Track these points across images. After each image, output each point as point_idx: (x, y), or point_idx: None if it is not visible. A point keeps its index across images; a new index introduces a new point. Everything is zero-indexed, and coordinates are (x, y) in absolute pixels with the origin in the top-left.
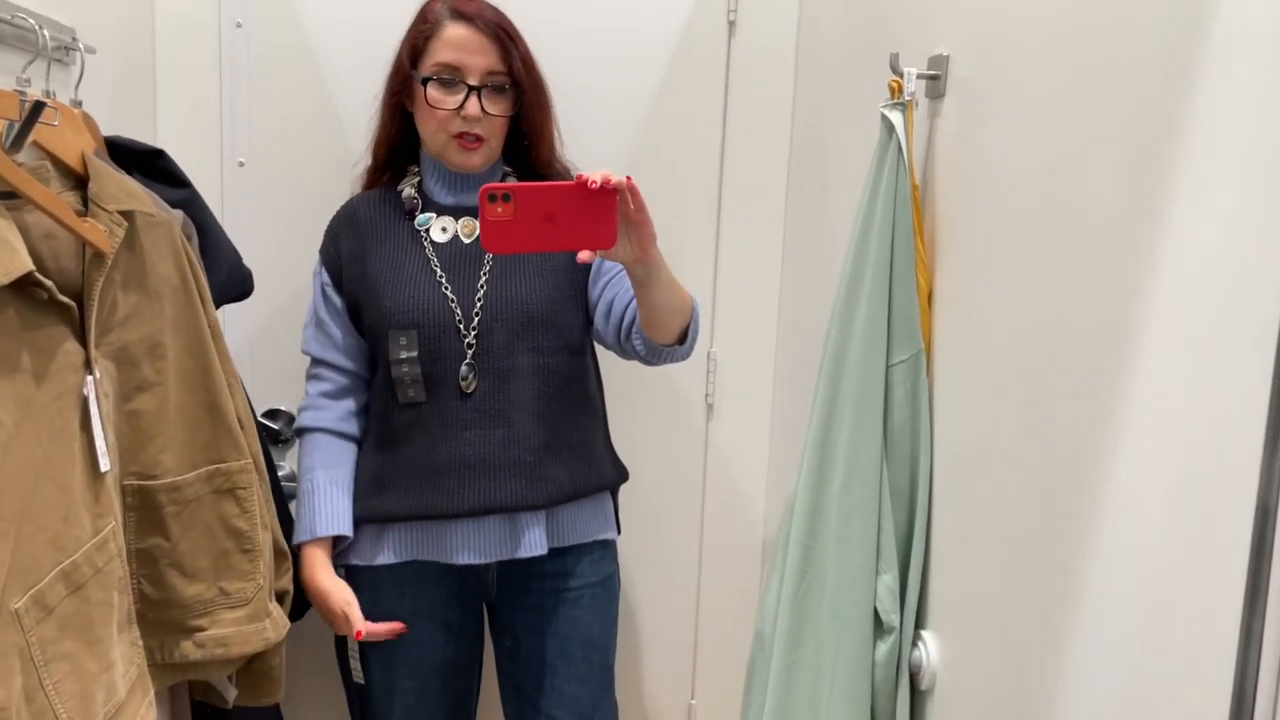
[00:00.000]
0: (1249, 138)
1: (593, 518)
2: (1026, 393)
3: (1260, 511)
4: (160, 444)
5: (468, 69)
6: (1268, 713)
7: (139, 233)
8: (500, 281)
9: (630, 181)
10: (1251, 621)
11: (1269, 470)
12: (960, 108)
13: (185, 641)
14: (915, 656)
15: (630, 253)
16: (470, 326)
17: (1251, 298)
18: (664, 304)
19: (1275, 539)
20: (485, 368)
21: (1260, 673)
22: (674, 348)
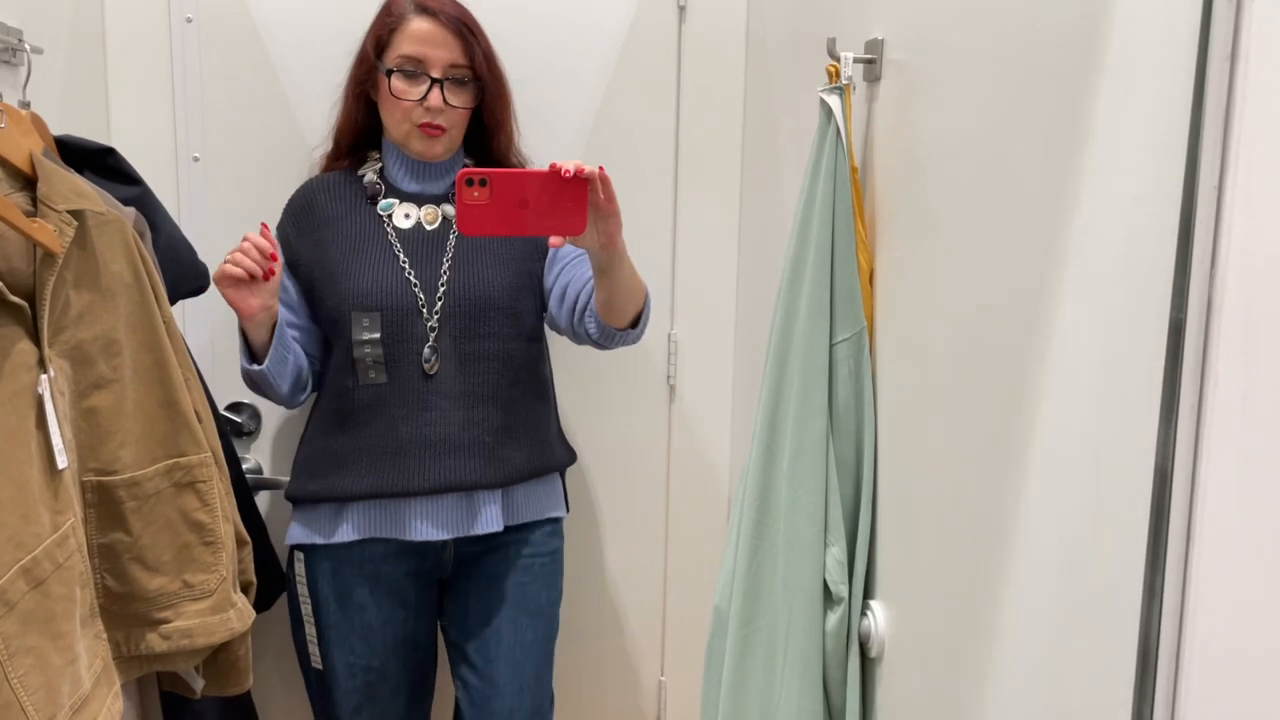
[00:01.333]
0: (1144, 123)
1: (545, 496)
2: (959, 368)
3: (1158, 476)
4: (119, 440)
5: (431, 62)
6: (1169, 665)
7: (90, 232)
8: (462, 268)
9: (602, 171)
10: (1153, 579)
11: (1165, 437)
12: (896, 91)
13: (151, 634)
14: (864, 625)
15: (598, 240)
16: (433, 311)
17: (1147, 274)
18: (622, 289)
19: (1171, 503)
20: (447, 351)
21: (1162, 628)
22: (626, 331)
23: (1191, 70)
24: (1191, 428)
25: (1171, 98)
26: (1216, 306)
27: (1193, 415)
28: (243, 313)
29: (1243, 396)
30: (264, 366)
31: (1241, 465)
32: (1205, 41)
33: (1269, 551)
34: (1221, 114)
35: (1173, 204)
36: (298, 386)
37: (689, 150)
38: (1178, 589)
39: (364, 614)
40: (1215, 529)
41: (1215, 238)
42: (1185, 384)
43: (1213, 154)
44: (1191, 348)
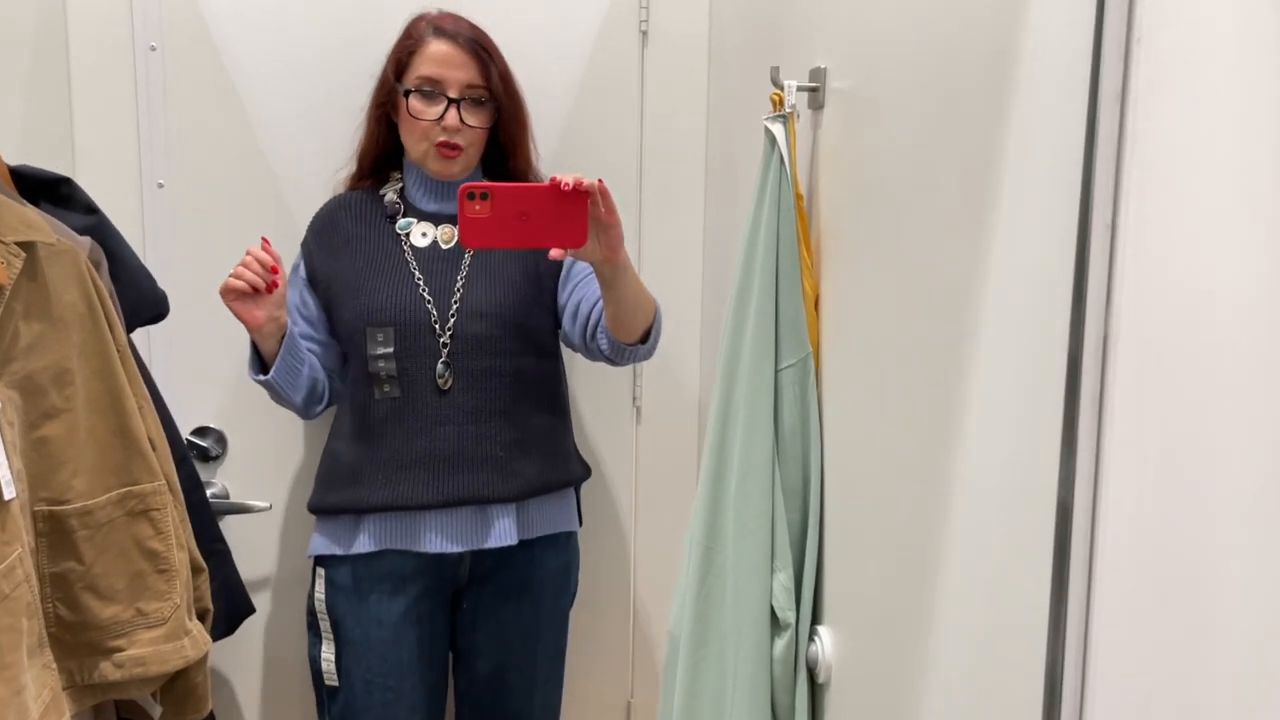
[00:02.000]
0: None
1: (558, 511)
2: (898, 395)
3: (1061, 509)
4: (71, 469)
5: (448, 82)
6: (1074, 696)
7: (41, 263)
8: (476, 286)
9: (602, 184)
10: (1058, 610)
11: (1066, 471)
12: (838, 119)
13: (104, 662)
14: (812, 651)
15: (599, 252)
16: (445, 327)
17: (1050, 308)
18: (629, 303)
19: (1073, 535)
20: (460, 367)
21: (1066, 657)
22: (637, 347)
23: (1084, 111)
24: (1091, 461)
25: (1070, 138)
26: (1112, 341)
27: (1092, 448)
28: (249, 325)
29: (1137, 430)
30: (270, 377)
31: (1137, 498)
32: (1095, 83)
33: (1163, 584)
34: (1113, 154)
35: (1071, 240)
36: (312, 398)
37: (653, 173)
38: (1080, 620)
39: (381, 629)
40: (1114, 561)
41: (1110, 274)
42: (1084, 417)
43: (1105, 193)
44: (1089, 381)
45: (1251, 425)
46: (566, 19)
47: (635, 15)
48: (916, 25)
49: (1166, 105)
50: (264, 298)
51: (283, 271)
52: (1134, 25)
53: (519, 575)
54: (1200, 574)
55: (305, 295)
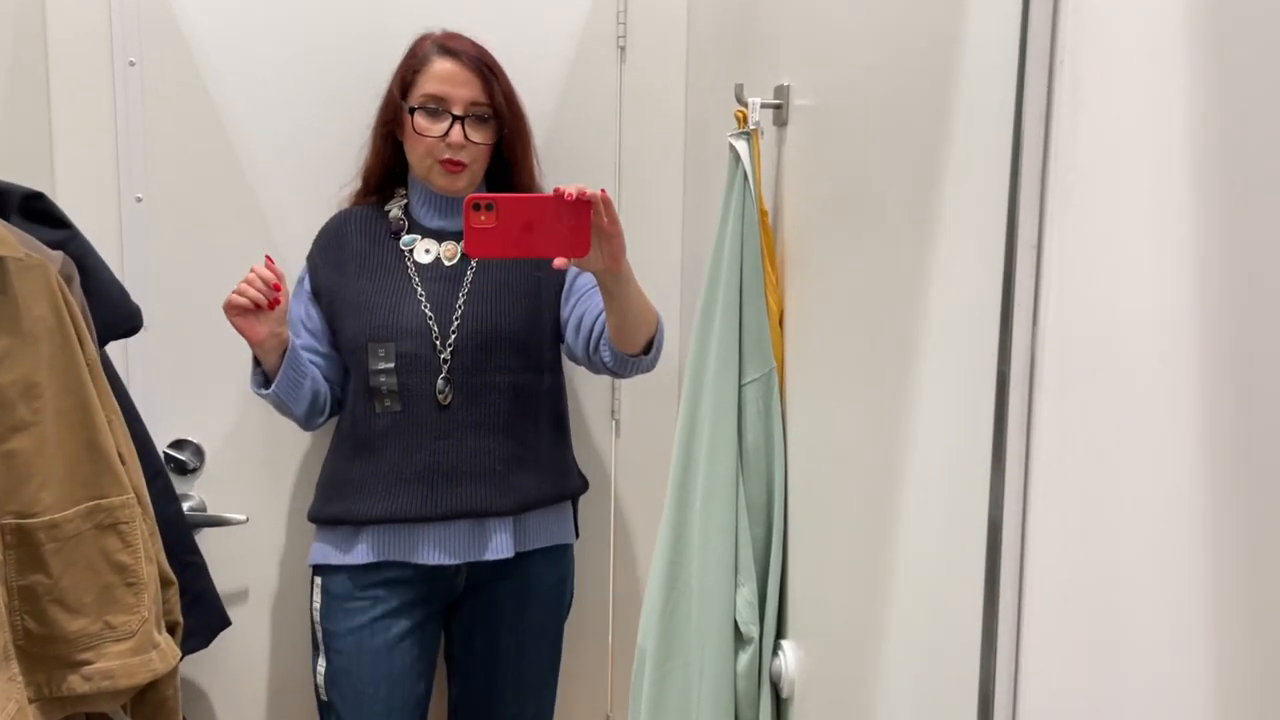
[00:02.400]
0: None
1: (556, 524)
2: (856, 412)
3: (991, 527)
4: (39, 482)
5: (452, 100)
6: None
7: (10, 277)
8: (477, 303)
9: (604, 194)
10: (990, 626)
11: (996, 489)
12: (801, 136)
13: (72, 675)
14: (776, 666)
15: (602, 261)
16: (446, 343)
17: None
18: (632, 313)
19: (1002, 553)
20: (460, 382)
21: (997, 674)
22: (640, 357)
23: (1010, 133)
24: (1019, 480)
25: (998, 159)
26: (1038, 360)
27: (1020, 468)
28: (251, 340)
29: (1060, 448)
30: (272, 391)
31: (1062, 516)
32: (1020, 104)
33: (1086, 596)
34: (1037, 175)
35: (999, 259)
36: (314, 410)
37: (630, 188)
38: (1011, 630)
39: (374, 639)
40: (1043, 578)
41: (1035, 294)
42: (1011, 437)
43: (1030, 213)
44: (1016, 400)
45: (1165, 442)
46: (546, 34)
47: (613, 31)
48: (871, 46)
49: (1088, 126)
50: (266, 314)
51: (285, 289)
52: (1056, 48)
53: (515, 587)
54: (1119, 585)
55: (309, 308)
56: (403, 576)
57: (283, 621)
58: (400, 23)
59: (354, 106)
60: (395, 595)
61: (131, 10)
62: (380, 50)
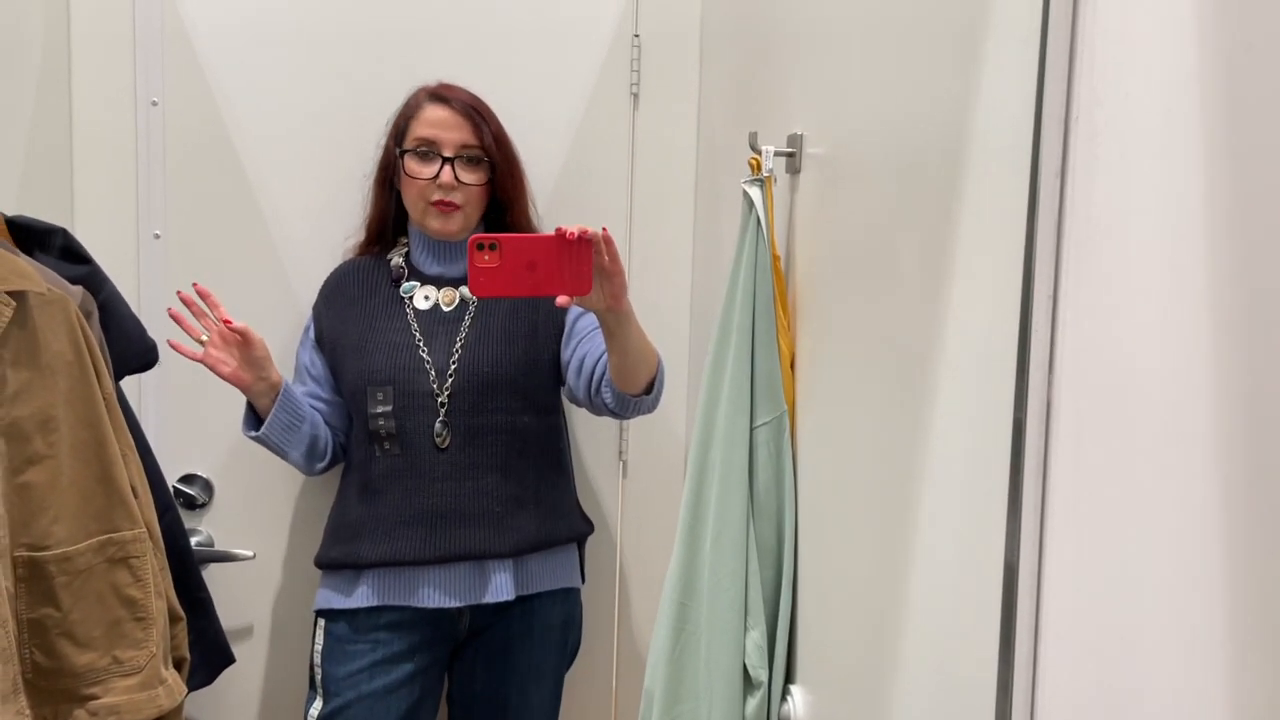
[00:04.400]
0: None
1: (558, 567)
2: (867, 456)
3: (1007, 571)
4: (52, 515)
5: (443, 143)
6: None
7: (31, 311)
8: (474, 347)
9: (606, 233)
10: (1006, 675)
11: (1011, 534)
12: (814, 183)
13: (78, 710)
14: (784, 710)
15: (604, 300)
16: (444, 387)
17: (999, 374)
18: (633, 353)
19: (1018, 598)
20: (457, 425)
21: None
22: (641, 398)
23: (1027, 187)
24: (1035, 524)
25: (1014, 212)
26: (1055, 408)
27: (1036, 513)
28: (239, 387)
29: (1075, 494)
30: (260, 433)
31: (1078, 561)
32: (1036, 159)
33: (1109, 651)
34: (1053, 228)
35: (1015, 310)
36: (314, 455)
37: (641, 231)
38: (1027, 676)
39: (372, 682)
40: (1059, 622)
41: (1051, 343)
42: (1028, 482)
43: (1046, 265)
44: (1033, 447)
45: (1181, 489)
46: (560, 81)
47: (627, 78)
48: (884, 97)
49: (1101, 181)
50: (248, 360)
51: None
52: (1072, 105)
53: (518, 629)
54: (1136, 632)
55: (314, 356)
56: (404, 620)
57: (285, 661)
58: (418, 76)
59: (369, 155)
60: (397, 639)
61: (155, 51)
62: (398, 100)
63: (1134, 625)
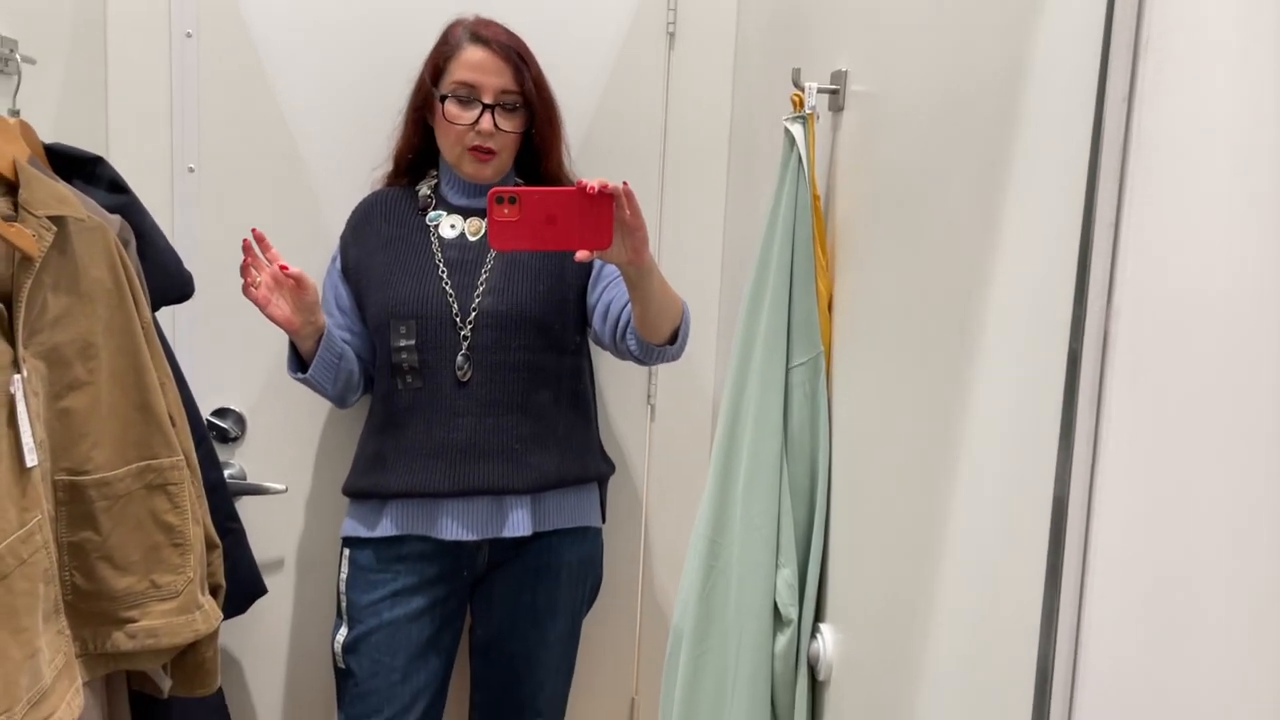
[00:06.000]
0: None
1: (578, 505)
2: (906, 396)
3: (1057, 505)
4: (92, 441)
5: (483, 88)
6: (1065, 687)
7: (71, 237)
8: (499, 281)
9: (626, 187)
10: (1051, 603)
11: (1063, 467)
12: (858, 121)
13: (117, 632)
14: (813, 648)
15: (625, 254)
16: (466, 320)
17: (1052, 306)
18: (656, 304)
19: (1067, 531)
20: (479, 360)
21: (1057, 650)
22: (665, 347)
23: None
24: (1087, 457)
25: (1076, 139)
26: (1111, 338)
27: (1089, 444)
28: (286, 330)
29: (1132, 426)
30: (308, 375)
31: (1130, 493)
32: (1103, 86)
33: (1154, 579)
34: (1118, 155)
35: (1075, 238)
36: (348, 389)
37: (675, 172)
38: (1073, 613)
39: (393, 610)
40: (1107, 558)
41: (1111, 272)
42: (1081, 413)
43: (1109, 193)
44: (1088, 378)
45: (1242, 425)
46: (594, 20)
47: (663, 17)
48: (932, 30)
49: (1171, 108)
50: (299, 302)
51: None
52: (1142, 30)
53: (536, 564)
54: (1189, 569)
55: (340, 287)
56: (425, 551)
57: (315, 591)
58: (451, 8)
59: (400, 87)
60: (417, 570)
61: None
62: (431, 32)
63: (1187, 561)
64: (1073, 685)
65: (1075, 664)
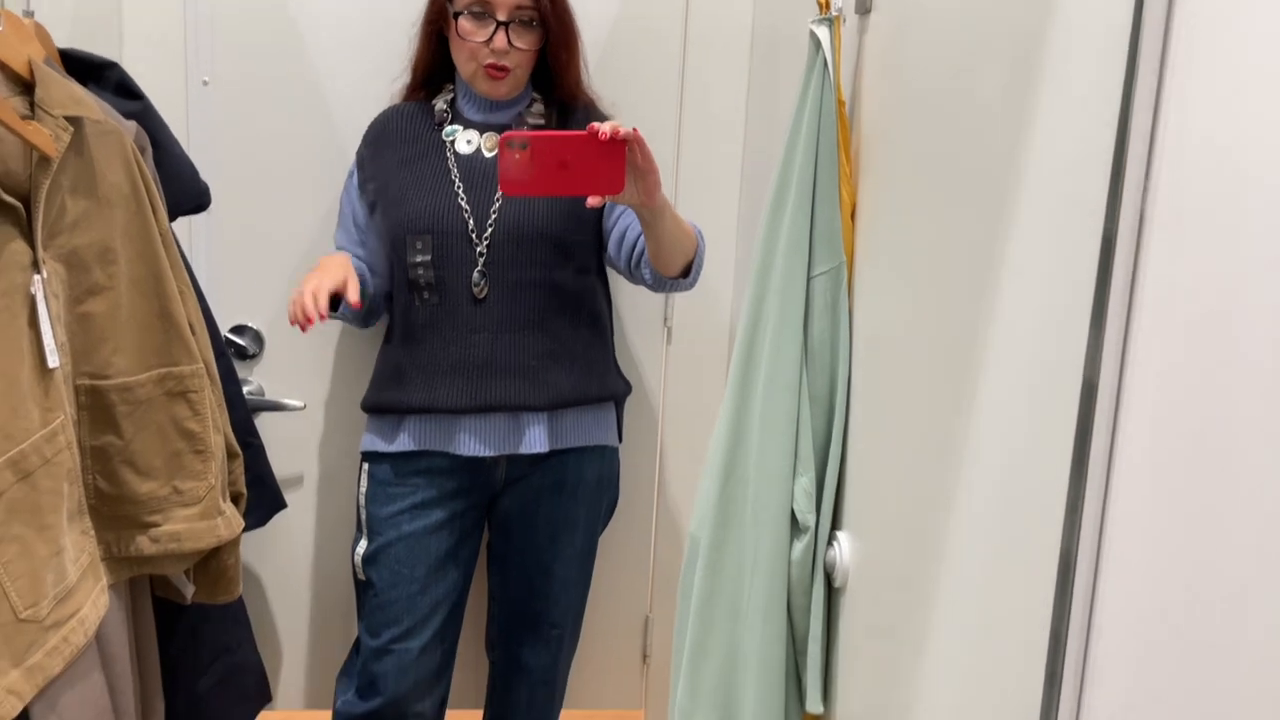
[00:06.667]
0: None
1: (594, 424)
2: (930, 302)
3: (1085, 389)
4: (112, 346)
5: (496, 4)
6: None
7: (87, 140)
8: (516, 198)
9: (637, 133)
10: (1077, 491)
11: (1093, 349)
12: (885, 24)
13: (140, 536)
14: (830, 556)
15: (637, 197)
16: (482, 236)
17: (1084, 192)
18: (669, 242)
19: (1095, 415)
20: (496, 277)
21: (1082, 531)
22: (678, 280)
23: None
24: (1119, 337)
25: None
26: (1148, 218)
27: (1120, 324)
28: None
29: (1167, 308)
30: (339, 313)
31: (1162, 377)
32: None
33: (1184, 465)
34: (1160, 28)
35: (1113, 117)
36: (371, 313)
37: (694, 82)
38: (1098, 499)
39: (412, 523)
40: (1135, 441)
41: (1150, 150)
42: (1114, 294)
43: (1150, 69)
44: (1122, 257)
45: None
46: None
47: None
48: None
49: None
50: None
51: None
52: None
53: (553, 480)
54: (1221, 455)
55: (358, 203)
56: (443, 466)
57: (335, 506)
58: None
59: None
60: (435, 484)
61: None
62: None
63: (1220, 444)
64: (1096, 573)
65: (1099, 551)
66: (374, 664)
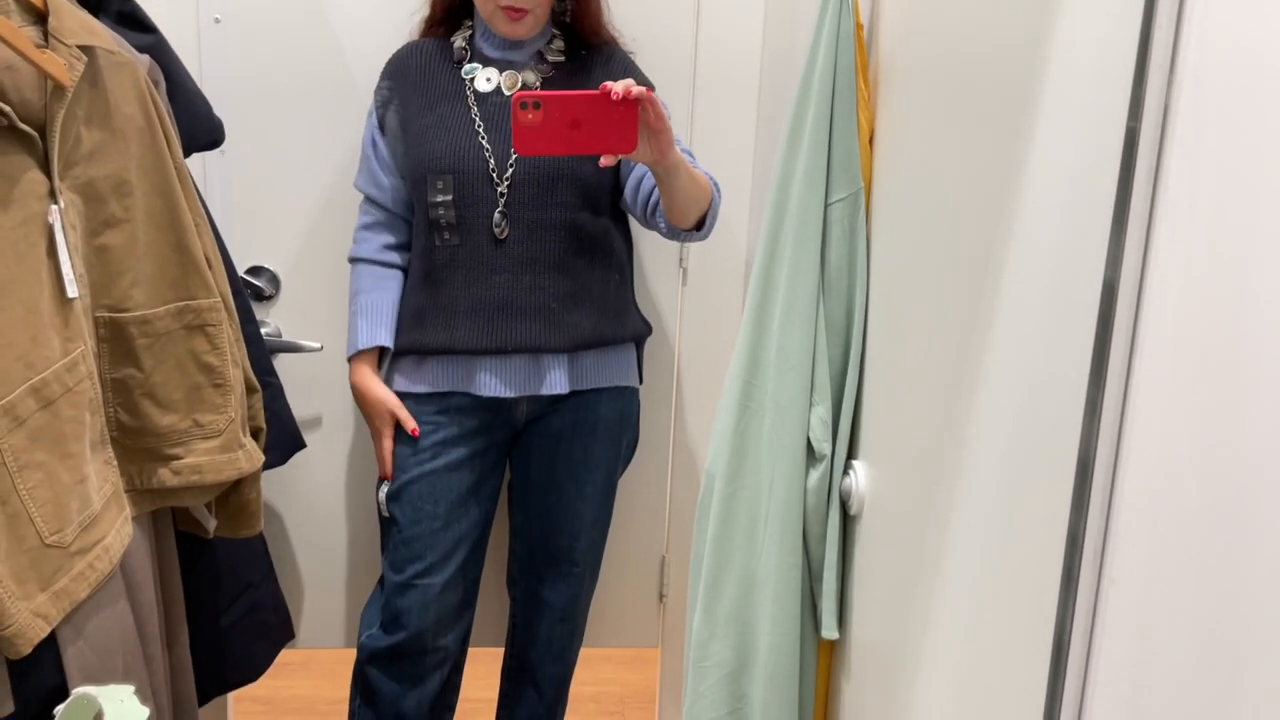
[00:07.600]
0: None
1: (614, 365)
2: (949, 231)
3: (1106, 289)
4: (130, 279)
5: None
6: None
7: (101, 70)
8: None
9: (650, 93)
10: (1096, 393)
11: (1115, 247)
12: None
13: (162, 469)
14: (846, 484)
15: (650, 155)
16: (503, 176)
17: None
18: (683, 197)
19: (1116, 313)
20: (516, 217)
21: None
22: (691, 232)
23: None
24: (1140, 239)
25: None
26: (1171, 114)
27: (1143, 224)
28: None
29: (1189, 208)
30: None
31: (1185, 276)
32: None
33: (1203, 364)
34: None
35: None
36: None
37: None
38: (1118, 397)
39: (434, 461)
40: (1155, 339)
41: (1175, 44)
42: (1136, 193)
43: None
44: (1145, 156)
45: None
46: None
47: None
48: None
49: None
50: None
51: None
52: None
53: (574, 419)
54: (1240, 358)
55: (378, 141)
56: (464, 405)
57: (354, 447)
58: None
59: None
60: (457, 423)
61: None
62: None
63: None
64: (1114, 470)
65: (1118, 448)
66: (397, 599)
